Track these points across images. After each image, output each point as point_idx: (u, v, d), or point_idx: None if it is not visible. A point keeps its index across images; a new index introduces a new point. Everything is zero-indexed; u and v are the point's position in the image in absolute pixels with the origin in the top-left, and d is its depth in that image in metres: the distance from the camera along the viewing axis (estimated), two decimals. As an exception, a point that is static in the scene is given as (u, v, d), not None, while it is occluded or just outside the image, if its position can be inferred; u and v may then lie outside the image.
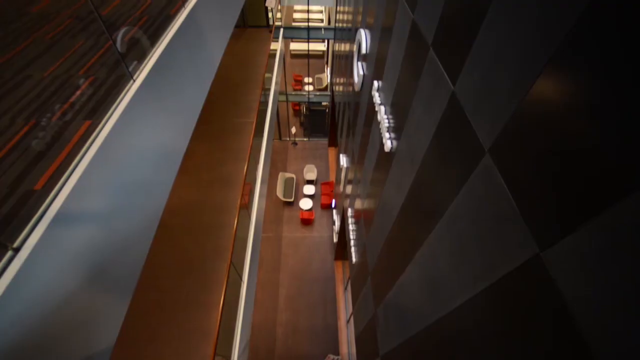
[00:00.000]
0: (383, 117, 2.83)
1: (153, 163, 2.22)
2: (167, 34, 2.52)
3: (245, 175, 5.28)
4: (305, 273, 9.50)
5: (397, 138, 2.59)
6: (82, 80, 1.74)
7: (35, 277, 1.28)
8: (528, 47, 1.03)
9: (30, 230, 1.30)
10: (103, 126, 1.74)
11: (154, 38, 2.39)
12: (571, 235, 0.85)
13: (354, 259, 5.09)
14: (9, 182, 1.29)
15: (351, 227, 5.36)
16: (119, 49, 1.95)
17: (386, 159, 2.92)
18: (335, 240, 9.06)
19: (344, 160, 6.38)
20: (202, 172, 5.98)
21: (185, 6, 2.88)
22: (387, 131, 2.76)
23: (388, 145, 2.69)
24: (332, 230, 10.09)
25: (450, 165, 1.63)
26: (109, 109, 1.82)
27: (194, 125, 2.97)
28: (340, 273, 9.29)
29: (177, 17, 2.72)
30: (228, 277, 4.17)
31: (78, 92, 1.69)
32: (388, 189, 2.94)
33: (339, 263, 9.49)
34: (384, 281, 3.20)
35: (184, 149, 2.73)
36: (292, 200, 11.09)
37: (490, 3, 1.23)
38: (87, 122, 1.65)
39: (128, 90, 1.96)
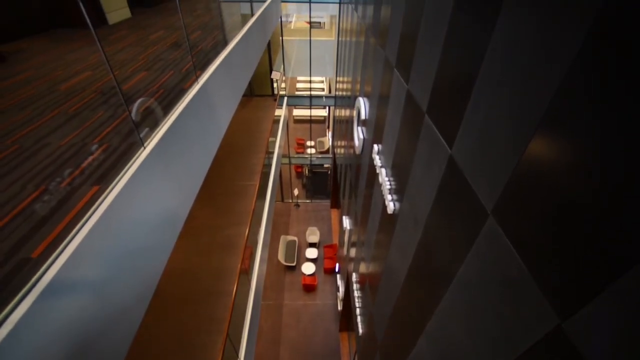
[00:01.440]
0: (384, 179, 2.89)
1: (153, 229, 2.20)
2: (179, 105, 2.72)
3: (247, 238, 5.19)
4: (307, 346, 8.70)
5: (400, 200, 2.60)
6: (95, 147, 1.82)
7: (12, 358, 1.17)
8: (518, 111, 1.09)
9: (17, 302, 1.23)
10: (110, 192, 1.76)
11: (167, 109, 2.58)
12: (593, 301, 0.79)
13: (360, 330, 4.70)
14: (6, 249, 1.27)
15: (356, 293, 5.07)
16: (134, 119, 2.09)
17: (389, 221, 2.89)
18: (339, 308, 8.50)
19: (346, 222, 6.32)
20: (202, 236, 5.90)
21: (199, 81, 3.16)
22: (389, 193, 2.78)
23: (391, 207, 2.69)
24: (336, 297, 9.54)
25: (455, 228, 1.61)
26: (118, 175, 1.87)
27: (197, 190, 3.01)
28: (346, 347, 8.50)
29: (190, 90, 2.97)
30: (223, 353, 3.82)
31: (90, 159, 1.76)
32: (393, 252, 2.85)
33: (345, 335, 8.75)
34: (394, 356, 2.90)
35: (186, 215, 2.73)
36: (294, 264, 10.71)
37: (478, 72, 1.34)
38: (95, 188, 1.68)
39: (138, 157, 2.04)
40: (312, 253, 11.15)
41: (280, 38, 10.94)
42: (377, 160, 3.21)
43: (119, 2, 2.31)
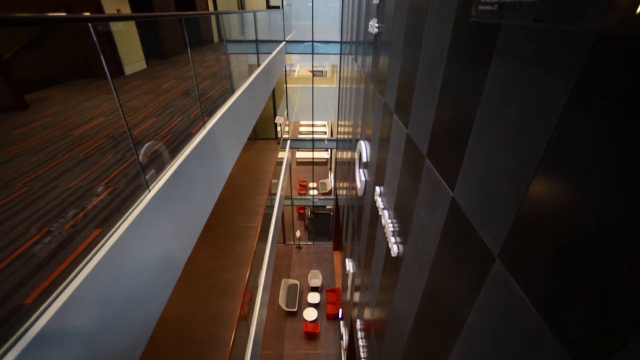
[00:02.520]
0: (387, 221, 2.86)
1: (152, 274, 2.15)
2: (186, 149, 2.80)
3: (247, 282, 5.03)
4: (309, 404, 8.00)
5: (404, 242, 2.56)
6: (101, 190, 1.85)
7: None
8: (517, 153, 1.11)
9: (4, 354, 1.17)
10: (112, 235, 1.76)
11: (174, 153, 2.65)
12: (620, 354, 0.73)
13: (366, 385, 4.35)
14: (1, 294, 1.24)
15: (361, 342, 4.77)
16: (141, 162, 2.14)
17: (394, 264, 2.82)
18: (343, 359, 7.94)
19: (350, 265, 6.14)
20: (202, 279, 5.72)
21: (206, 126, 3.29)
22: (393, 235, 2.74)
23: (394, 250, 2.64)
24: (340, 346, 8.96)
25: (461, 272, 1.56)
26: (121, 217, 1.87)
27: (199, 234, 2.99)
28: (351, 404, 7.79)
29: (197, 135, 3.08)
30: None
31: (96, 202, 1.78)
32: (398, 298, 2.73)
33: (349, 390, 8.07)
34: (404, 416, 2.65)
35: (186, 259, 2.69)
36: (295, 309, 10.23)
37: (475, 116, 1.39)
38: (97, 231, 1.68)
39: (142, 200, 2.05)
40: (314, 298, 10.69)
41: (285, 85, 11.56)
42: (380, 202, 3.21)
43: (136, 55, 2.49)
